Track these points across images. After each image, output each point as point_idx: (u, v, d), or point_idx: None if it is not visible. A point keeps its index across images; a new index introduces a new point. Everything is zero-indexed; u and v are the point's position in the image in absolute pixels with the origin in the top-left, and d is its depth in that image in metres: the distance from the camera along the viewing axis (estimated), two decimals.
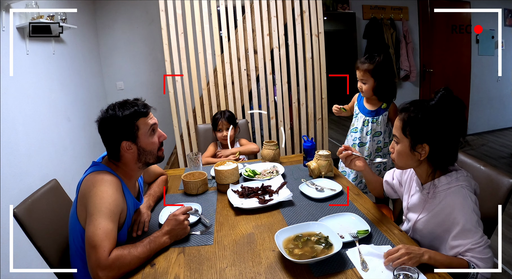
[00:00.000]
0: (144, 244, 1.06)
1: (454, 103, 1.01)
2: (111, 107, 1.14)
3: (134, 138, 1.14)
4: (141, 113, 1.15)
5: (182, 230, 1.16)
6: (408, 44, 4.21)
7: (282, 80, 3.02)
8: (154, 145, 1.19)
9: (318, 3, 2.98)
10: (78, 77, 2.82)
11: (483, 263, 0.98)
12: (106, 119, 1.13)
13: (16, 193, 1.75)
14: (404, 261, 0.92)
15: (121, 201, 1.11)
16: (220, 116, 2.20)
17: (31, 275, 1.78)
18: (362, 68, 1.62)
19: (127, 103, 1.15)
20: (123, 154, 1.16)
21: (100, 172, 1.11)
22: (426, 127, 1.02)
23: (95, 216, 1.02)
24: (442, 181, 1.07)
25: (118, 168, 1.19)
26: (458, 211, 1.01)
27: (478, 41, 4.66)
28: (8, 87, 1.81)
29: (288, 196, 1.41)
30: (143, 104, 1.19)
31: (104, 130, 1.14)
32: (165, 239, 1.12)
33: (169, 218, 1.17)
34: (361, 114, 1.76)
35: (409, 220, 1.23)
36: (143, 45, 3.54)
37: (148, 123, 1.17)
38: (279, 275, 0.97)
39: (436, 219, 1.09)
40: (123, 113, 1.11)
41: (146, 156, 1.19)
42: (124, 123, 1.12)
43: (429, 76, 4.47)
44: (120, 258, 0.99)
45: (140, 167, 1.21)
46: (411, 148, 1.05)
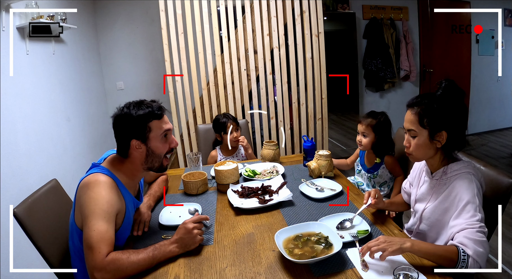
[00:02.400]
0: (147, 251, 1.04)
1: (457, 91, 1.09)
2: (127, 105, 1.15)
3: (144, 139, 1.14)
4: (155, 115, 1.14)
5: (191, 239, 1.10)
6: (408, 44, 4.21)
7: (282, 80, 3.02)
8: (163, 149, 1.19)
9: (318, 3, 2.98)
10: (78, 77, 2.82)
11: (475, 244, 0.95)
12: (121, 116, 1.13)
13: (16, 193, 1.75)
14: (383, 248, 0.91)
15: (117, 201, 1.10)
16: (227, 119, 2.14)
17: (31, 275, 1.78)
18: (365, 123, 1.71)
19: (142, 104, 1.16)
20: (131, 152, 1.16)
21: (95, 174, 1.10)
22: (442, 115, 1.08)
23: (90, 218, 1.02)
24: (452, 167, 1.12)
25: (123, 166, 1.18)
26: (462, 192, 1.05)
27: (478, 41, 4.66)
28: (8, 87, 1.81)
29: (288, 196, 1.41)
30: (159, 106, 1.18)
31: (117, 127, 1.15)
32: (173, 248, 1.08)
33: (180, 226, 1.13)
34: (363, 171, 1.85)
35: (416, 212, 1.25)
36: (143, 45, 3.54)
37: (161, 127, 1.16)
38: (279, 275, 0.97)
39: (443, 205, 1.11)
40: (136, 112, 1.12)
41: (153, 159, 1.18)
42: (137, 122, 1.12)
43: (429, 76, 4.47)
44: (117, 262, 0.98)
45: (145, 169, 1.20)
46: (430, 138, 1.10)
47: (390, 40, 4.07)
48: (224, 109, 3.01)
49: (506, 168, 3.70)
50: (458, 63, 4.66)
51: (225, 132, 2.14)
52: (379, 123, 1.69)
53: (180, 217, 1.34)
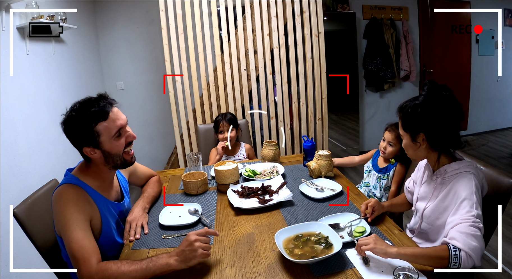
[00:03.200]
0: (141, 263, 0.97)
1: (439, 91, 1.11)
2: (71, 108, 1.06)
3: (95, 144, 1.07)
4: (99, 116, 1.04)
5: (191, 252, 0.98)
6: (408, 44, 4.21)
7: (282, 80, 3.02)
8: (120, 148, 1.12)
9: (318, 3, 2.98)
10: (78, 77, 2.82)
11: (466, 238, 0.94)
12: (66, 123, 1.06)
13: (16, 193, 1.75)
14: (368, 243, 0.97)
15: (86, 208, 1.07)
16: (221, 118, 2.21)
17: (31, 275, 1.78)
18: (395, 133, 1.72)
19: (86, 104, 1.06)
20: (90, 156, 1.11)
21: (61, 188, 1.08)
22: (415, 119, 1.13)
23: (64, 231, 1.01)
24: (452, 166, 1.14)
25: (89, 170, 1.15)
26: (460, 190, 1.06)
27: (478, 41, 4.66)
28: (8, 87, 1.81)
29: (288, 196, 1.41)
30: (105, 102, 1.08)
31: (66, 134, 1.09)
32: (171, 260, 0.97)
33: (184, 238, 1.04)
34: (374, 171, 1.85)
35: (418, 210, 1.26)
36: (143, 45, 3.54)
37: (111, 128, 1.07)
38: (279, 275, 0.97)
39: (443, 204, 1.12)
40: (80, 118, 1.03)
41: (113, 158, 1.12)
42: (82, 129, 1.04)
43: (429, 76, 4.47)
44: (105, 271, 0.94)
45: (110, 168, 1.16)
46: (412, 140, 1.16)
47: (390, 40, 4.06)
48: (224, 109, 3.01)
49: (506, 168, 3.70)
50: (458, 63, 4.65)
51: (218, 131, 2.21)
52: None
53: (180, 217, 1.34)
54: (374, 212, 1.23)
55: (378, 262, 0.99)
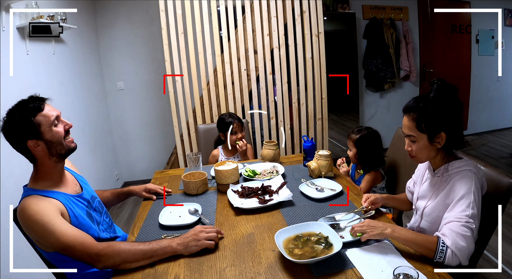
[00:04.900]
0: (146, 243, 1.08)
1: (450, 90, 1.09)
2: (7, 113, 1.12)
3: (38, 135, 1.11)
4: (35, 108, 1.11)
5: (193, 240, 1.10)
6: (408, 44, 4.21)
7: (282, 80, 3.03)
8: (60, 134, 1.16)
9: (318, 3, 2.98)
10: (78, 77, 2.82)
11: (456, 237, 0.96)
12: (6, 125, 1.11)
13: (16, 193, 1.74)
14: (365, 230, 1.04)
15: (51, 206, 1.08)
16: (232, 120, 2.15)
17: (31, 275, 1.78)
18: (349, 137, 1.79)
19: (19, 104, 1.13)
20: (34, 153, 1.13)
21: (20, 205, 1.09)
22: (439, 117, 1.08)
23: (46, 233, 1.02)
24: (454, 164, 1.13)
25: (38, 173, 1.16)
26: (460, 188, 1.06)
27: (478, 41, 4.66)
28: (8, 87, 1.81)
29: (288, 196, 1.41)
30: (37, 98, 1.15)
31: (8, 137, 1.12)
32: (173, 243, 1.09)
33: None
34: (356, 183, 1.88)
35: (418, 209, 1.26)
36: (143, 45, 3.54)
37: (49, 116, 1.13)
38: (279, 275, 0.97)
39: (443, 202, 1.12)
40: (18, 115, 1.09)
41: (56, 147, 1.15)
42: (23, 123, 1.09)
43: (429, 76, 4.47)
44: (111, 247, 1.04)
45: (56, 161, 1.18)
46: (429, 141, 1.11)
47: (390, 40, 4.06)
48: (224, 109, 3.01)
49: (506, 168, 3.70)
50: (458, 63, 4.66)
51: (230, 132, 2.16)
52: (361, 137, 1.73)
53: (180, 217, 1.34)
54: (375, 205, 1.28)
55: (378, 262, 0.99)
